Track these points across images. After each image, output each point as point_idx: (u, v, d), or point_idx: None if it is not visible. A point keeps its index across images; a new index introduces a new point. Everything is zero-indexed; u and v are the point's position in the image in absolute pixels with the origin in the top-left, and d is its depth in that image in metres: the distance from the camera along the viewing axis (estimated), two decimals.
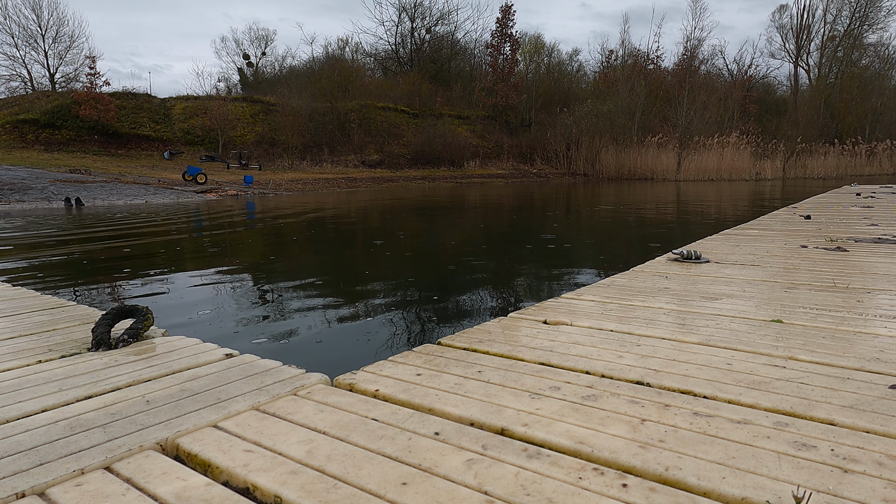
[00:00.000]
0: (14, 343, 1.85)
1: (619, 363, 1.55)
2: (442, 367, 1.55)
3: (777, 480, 0.95)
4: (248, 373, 1.53)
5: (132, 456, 1.09)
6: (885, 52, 38.20)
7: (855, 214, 6.01)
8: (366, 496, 0.93)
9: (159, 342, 1.83)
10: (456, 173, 28.07)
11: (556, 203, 14.79)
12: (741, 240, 4.13)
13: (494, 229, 9.02)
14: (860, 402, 1.26)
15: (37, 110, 23.59)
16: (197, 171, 18.96)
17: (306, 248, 6.91)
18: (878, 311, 2.05)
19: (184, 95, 28.80)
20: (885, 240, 3.96)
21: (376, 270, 5.29)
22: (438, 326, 3.30)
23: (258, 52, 38.57)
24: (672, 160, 28.45)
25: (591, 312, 2.12)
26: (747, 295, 2.36)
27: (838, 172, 29.86)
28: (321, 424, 1.20)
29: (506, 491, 0.94)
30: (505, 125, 34.22)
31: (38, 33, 27.90)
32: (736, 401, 1.29)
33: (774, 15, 48.90)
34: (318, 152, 27.55)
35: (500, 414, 1.24)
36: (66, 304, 2.40)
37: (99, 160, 21.77)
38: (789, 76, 40.54)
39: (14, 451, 1.11)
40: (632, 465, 1.01)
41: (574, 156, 31.19)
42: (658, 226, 9.07)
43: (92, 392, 1.41)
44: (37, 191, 14.59)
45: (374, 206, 13.61)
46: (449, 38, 38.53)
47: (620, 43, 47.24)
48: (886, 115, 35.43)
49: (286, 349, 2.84)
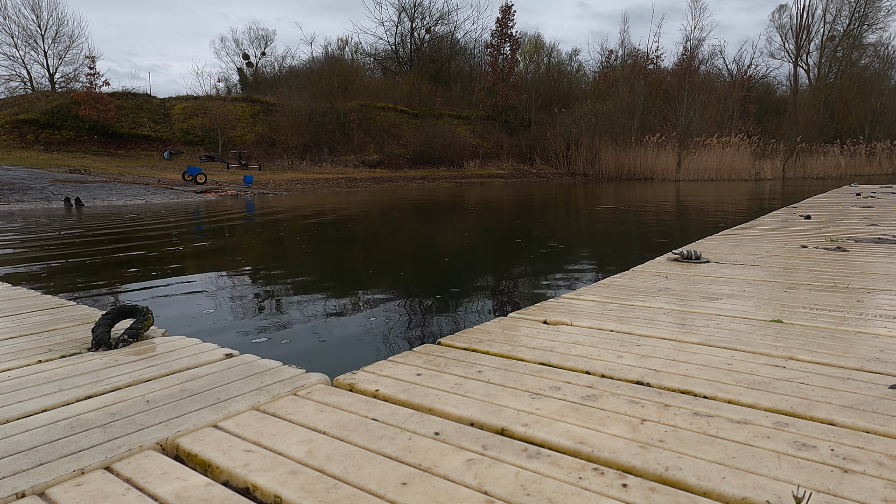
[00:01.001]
0: (14, 343, 1.85)
1: (619, 363, 1.55)
2: (442, 367, 1.55)
3: (777, 480, 0.95)
4: (248, 373, 1.53)
5: (132, 456, 1.09)
6: (884, 51, 38.25)
7: (855, 214, 6.01)
8: (366, 496, 0.93)
9: (159, 342, 1.83)
10: (456, 173, 28.06)
11: (555, 203, 14.79)
12: (741, 240, 4.13)
13: (494, 229, 9.02)
14: (860, 402, 1.26)
15: (36, 110, 23.57)
16: (197, 171, 18.95)
17: (306, 248, 6.90)
18: (878, 311, 2.05)
19: (183, 95, 28.78)
20: (885, 240, 3.96)
21: (376, 270, 5.29)
22: (438, 326, 3.30)
23: (258, 52, 38.60)
24: (672, 160, 28.45)
25: (591, 312, 2.12)
26: (747, 295, 2.36)
27: (838, 172, 29.86)
28: (321, 424, 1.20)
29: (506, 491, 0.94)
30: (505, 125, 34.20)
31: (38, 33, 27.87)
32: (736, 401, 1.29)
33: (774, 15, 48.96)
34: (318, 152, 27.54)
35: (500, 414, 1.24)
36: (66, 304, 2.40)
37: (99, 160, 21.76)
38: (789, 76, 40.58)
39: (14, 451, 1.11)
40: (632, 465, 1.01)
41: (574, 156, 31.18)
42: (658, 226, 9.06)
43: (92, 392, 1.41)
44: (36, 191, 14.58)
45: (373, 207, 13.60)
46: (449, 38, 38.52)
47: (620, 43, 47.21)
48: (886, 114, 35.43)
49: (286, 349, 2.84)
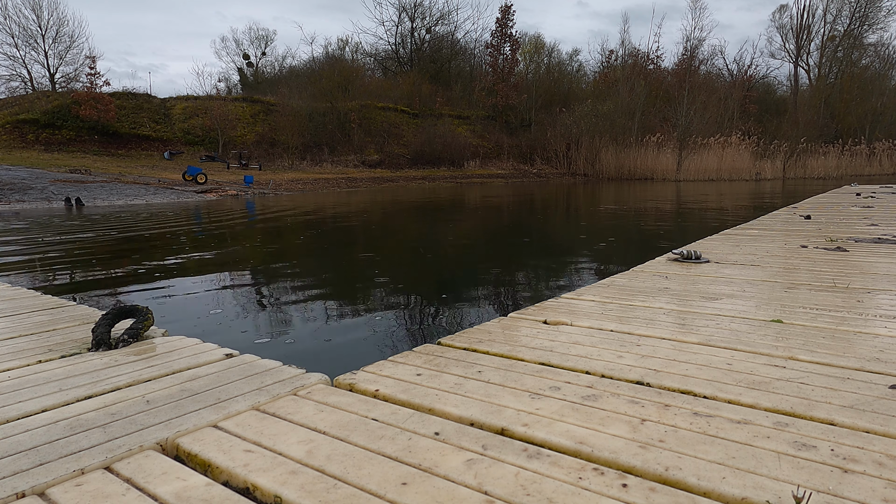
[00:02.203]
0: (14, 343, 1.85)
1: (619, 363, 1.55)
2: (442, 367, 1.55)
3: (777, 480, 0.95)
4: (248, 373, 1.53)
5: (132, 456, 1.09)
6: (884, 51, 38.24)
7: (855, 214, 6.01)
8: (366, 496, 0.93)
9: (159, 342, 1.83)
10: (456, 173, 28.05)
11: (556, 203, 14.78)
12: (741, 240, 4.13)
13: (494, 229, 9.02)
14: (860, 402, 1.26)
15: (37, 110, 23.57)
16: (197, 171, 18.95)
17: (306, 248, 6.90)
18: (878, 311, 2.05)
19: (184, 95, 28.80)
20: (885, 240, 3.96)
21: (376, 270, 5.29)
22: (438, 326, 3.30)
23: (258, 53, 38.62)
24: (672, 160, 28.45)
25: (591, 312, 2.12)
26: (747, 295, 2.36)
27: (838, 172, 29.85)
28: (321, 424, 1.20)
29: (506, 491, 0.94)
30: (505, 125, 34.19)
31: (39, 33, 27.86)
32: (736, 401, 1.29)
33: (774, 15, 48.93)
34: (318, 152, 27.54)
35: (500, 414, 1.24)
36: (66, 304, 2.40)
37: (99, 160, 21.76)
38: (789, 76, 40.57)
39: (14, 451, 1.11)
40: (632, 465, 1.01)
41: (574, 156, 31.17)
42: (658, 226, 9.06)
43: (92, 392, 1.41)
44: (37, 191, 14.58)
45: (374, 207, 13.60)
46: (449, 38, 38.50)
47: (620, 43, 47.25)
48: (886, 115, 35.43)
49: (286, 349, 2.84)
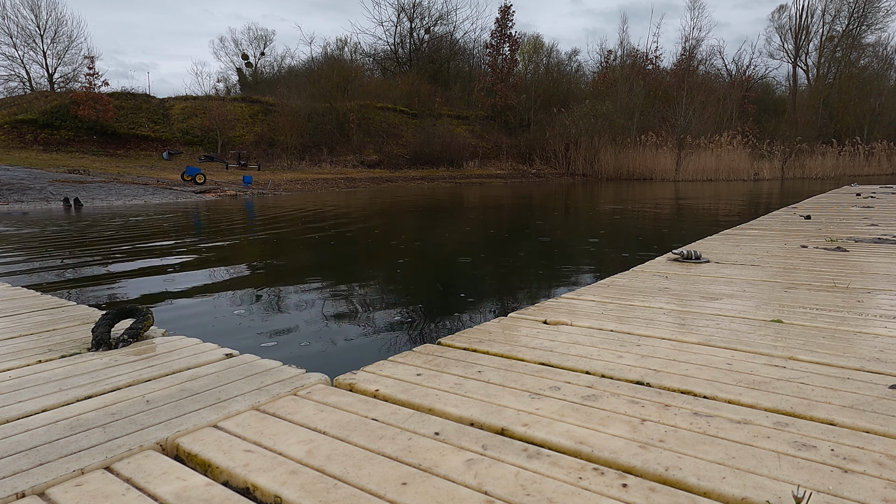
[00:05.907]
0: (14, 343, 1.85)
1: (619, 363, 1.55)
2: (442, 367, 1.55)
3: (777, 480, 0.95)
4: (248, 373, 1.53)
5: (132, 456, 1.09)
6: (883, 52, 38.24)
7: (855, 214, 6.02)
8: (366, 496, 0.93)
9: (159, 342, 1.83)
10: (455, 173, 28.05)
11: (555, 203, 14.79)
12: (741, 240, 4.13)
13: (494, 229, 9.02)
14: (860, 402, 1.26)
15: (35, 110, 23.54)
16: (196, 171, 18.93)
17: (305, 247, 6.90)
18: (878, 311, 2.05)
19: (182, 95, 28.78)
20: (885, 240, 3.97)
21: (376, 270, 5.29)
22: (438, 326, 3.30)
23: (257, 53, 38.60)
24: (671, 160, 28.46)
25: (591, 312, 2.12)
26: (747, 295, 2.36)
27: (837, 173, 29.87)
28: (321, 424, 1.20)
29: (506, 491, 0.94)
30: (504, 125, 34.20)
31: (37, 33, 27.82)
32: (736, 401, 1.29)
33: (773, 15, 48.91)
34: (317, 152, 27.53)
35: (500, 414, 1.24)
36: (66, 304, 2.40)
37: (97, 160, 21.73)
38: (788, 76, 40.65)
39: (14, 451, 1.11)
40: (632, 465, 1.01)
41: (573, 156, 31.17)
42: (657, 226, 9.07)
43: (92, 392, 1.41)
44: (35, 191, 14.56)
45: (373, 207, 13.60)
46: (448, 39, 38.50)
47: (619, 43, 47.22)
48: (885, 115, 35.44)
49: (286, 349, 2.84)
